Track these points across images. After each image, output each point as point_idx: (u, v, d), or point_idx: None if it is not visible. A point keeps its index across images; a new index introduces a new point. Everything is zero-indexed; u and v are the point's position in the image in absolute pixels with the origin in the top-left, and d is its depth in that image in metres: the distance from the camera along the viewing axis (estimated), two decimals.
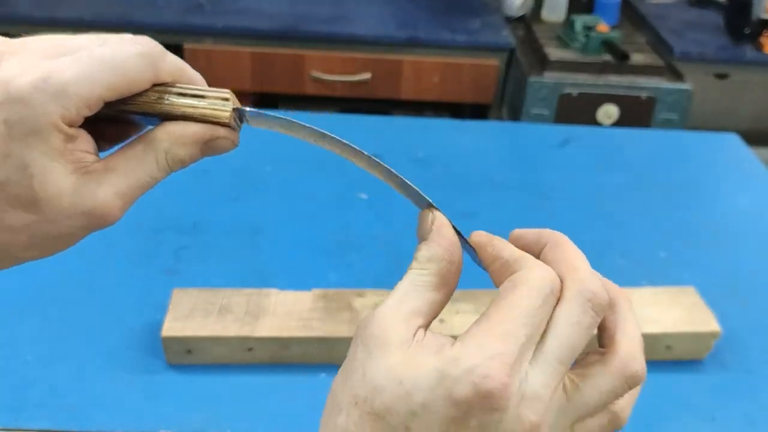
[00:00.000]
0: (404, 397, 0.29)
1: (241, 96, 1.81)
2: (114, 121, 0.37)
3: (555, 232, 0.34)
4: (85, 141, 0.33)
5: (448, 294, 0.33)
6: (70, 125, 0.31)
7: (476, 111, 2.06)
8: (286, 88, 1.92)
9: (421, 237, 0.34)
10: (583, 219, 1.01)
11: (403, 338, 0.31)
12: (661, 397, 0.74)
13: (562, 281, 0.31)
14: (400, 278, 0.33)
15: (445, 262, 0.33)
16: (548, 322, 0.30)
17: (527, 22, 2.06)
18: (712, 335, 0.76)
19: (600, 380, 0.31)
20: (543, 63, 1.84)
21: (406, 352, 0.30)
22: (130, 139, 0.35)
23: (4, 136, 0.30)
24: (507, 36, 1.92)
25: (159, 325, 0.73)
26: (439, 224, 0.34)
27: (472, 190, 1.06)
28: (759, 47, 1.91)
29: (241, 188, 1.02)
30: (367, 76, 1.88)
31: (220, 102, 0.35)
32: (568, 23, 1.91)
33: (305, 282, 0.80)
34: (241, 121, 0.37)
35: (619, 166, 1.16)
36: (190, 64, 0.37)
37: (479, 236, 0.34)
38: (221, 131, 0.36)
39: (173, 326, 0.72)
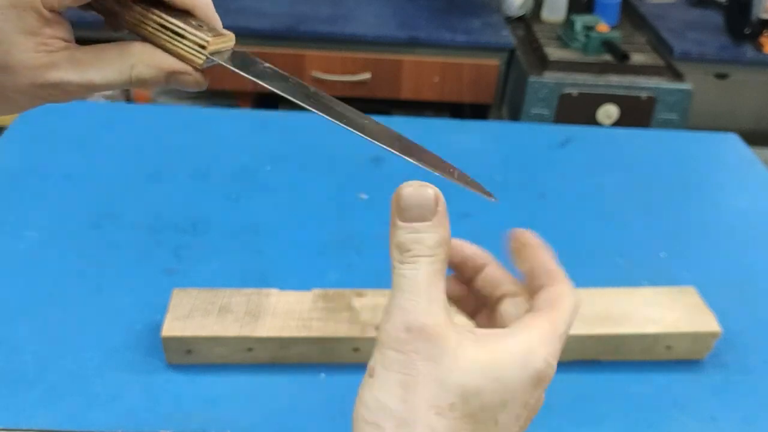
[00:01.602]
0: (501, 394, 0.31)
1: (242, 96, 1.81)
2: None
3: (569, 289, 0.37)
4: (61, 28, 0.36)
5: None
6: (50, 9, 0.35)
7: (476, 111, 2.06)
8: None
9: (421, 215, 0.33)
10: (583, 219, 1.01)
11: (454, 336, 0.31)
12: (661, 397, 0.74)
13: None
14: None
15: (448, 245, 0.34)
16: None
17: (527, 22, 2.06)
18: (713, 335, 0.76)
19: (565, 314, 0.36)
20: (543, 63, 1.84)
21: (476, 350, 0.31)
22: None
23: None
24: (507, 36, 1.92)
25: (159, 325, 0.73)
26: (443, 206, 0.34)
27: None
28: (759, 47, 1.91)
29: (241, 188, 1.02)
30: (367, 76, 1.88)
31: (196, 48, 0.37)
32: (568, 23, 1.91)
33: (305, 282, 0.80)
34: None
35: (619, 166, 1.16)
36: None
37: (525, 235, 0.39)
38: (189, 69, 0.38)
39: (173, 326, 0.72)
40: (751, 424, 0.72)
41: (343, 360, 0.73)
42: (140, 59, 0.37)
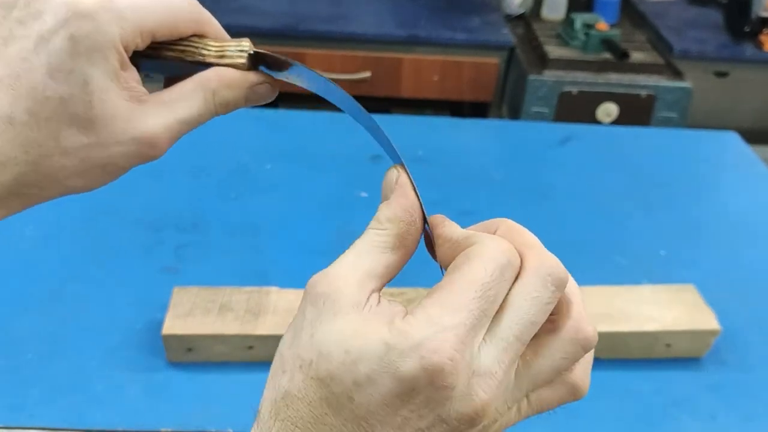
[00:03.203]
0: (349, 366, 0.28)
1: None
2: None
3: (505, 219, 0.34)
4: (135, 73, 0.34)
5: (405, 257, 0.32)
6: (126, 51, 0.33)
7: (476, 109, 2.06)
8: (286, 86, 1.92)
9: (385, 195, 0.33)
10: (583, 218, 1.01)
11: (355, 301, 0.29)
12: (661, 395, 0.74)
13: (521, 258, 0.30)
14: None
15: (405, 223, 0.32)
16: (507, 297, 0.29)
17: (527, 20, 2.06)
18: (712, 333, 0.76)
19: (553, 347, 0.30)
20: (543, 61, 1.84)
21: (357, 319, 0.29)
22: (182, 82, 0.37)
23: (69, 52, 0.31)
24: (507, 34, 1.92)
25: (159, 323, 0.73)
26: (402, 183, 0.33)
27: (471, 189, 1.06)
28: (759, 45, 1.91)
29: (241, 187, 1.02)
30: (367, 74, 1.88)
31: (240, 54, 0.37)
32: (568, 21, 1.91)
33: (305, 280, 0.80)
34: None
35: (618, 165, 1.16)
36: None
37: (435, 217, 0.33)
38: (264, 79, 0.37)
39: (174, 324, 0.72)
40: (750, 422, 0.72)
41: None
42: (219, 82, 0.36)
